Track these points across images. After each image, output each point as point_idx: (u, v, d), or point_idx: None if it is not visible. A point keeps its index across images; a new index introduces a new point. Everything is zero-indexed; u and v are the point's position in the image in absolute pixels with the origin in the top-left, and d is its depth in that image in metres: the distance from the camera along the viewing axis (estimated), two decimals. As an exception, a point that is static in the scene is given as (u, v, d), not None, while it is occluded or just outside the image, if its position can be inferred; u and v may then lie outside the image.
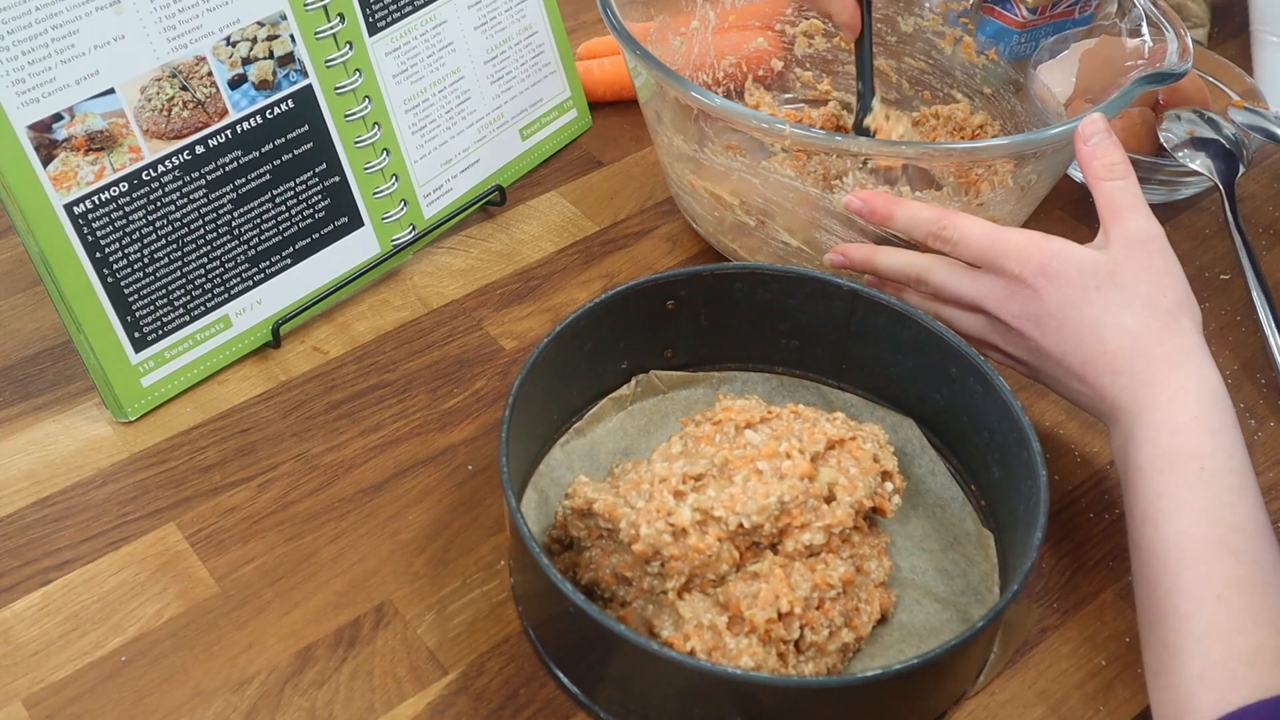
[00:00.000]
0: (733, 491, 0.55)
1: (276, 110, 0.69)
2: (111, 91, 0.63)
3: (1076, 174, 0.87)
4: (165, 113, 0.65)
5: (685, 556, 0.54)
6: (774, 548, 0.56)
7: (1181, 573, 0.53)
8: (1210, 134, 0.82)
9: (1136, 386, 0.58)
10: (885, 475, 0.59)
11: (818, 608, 0.55)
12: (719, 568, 0.55)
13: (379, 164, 0.75)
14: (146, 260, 0.66)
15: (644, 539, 0.53)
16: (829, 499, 0.57)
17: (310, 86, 0.71)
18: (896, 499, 0.60)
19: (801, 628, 0.54)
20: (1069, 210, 0.85)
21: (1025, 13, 0.84)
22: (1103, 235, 0.62)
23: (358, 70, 0.73)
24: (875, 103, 0.80)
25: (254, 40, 0.68)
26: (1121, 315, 0.59)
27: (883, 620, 0.58)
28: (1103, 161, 0.63)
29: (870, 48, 0.80)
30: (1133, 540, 0.57)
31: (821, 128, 0.86)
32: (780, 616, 0.54)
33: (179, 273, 0.68)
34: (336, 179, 0.73)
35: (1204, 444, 0.56)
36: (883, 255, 0.68)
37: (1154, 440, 0.56)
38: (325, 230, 0.74)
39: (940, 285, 0.65)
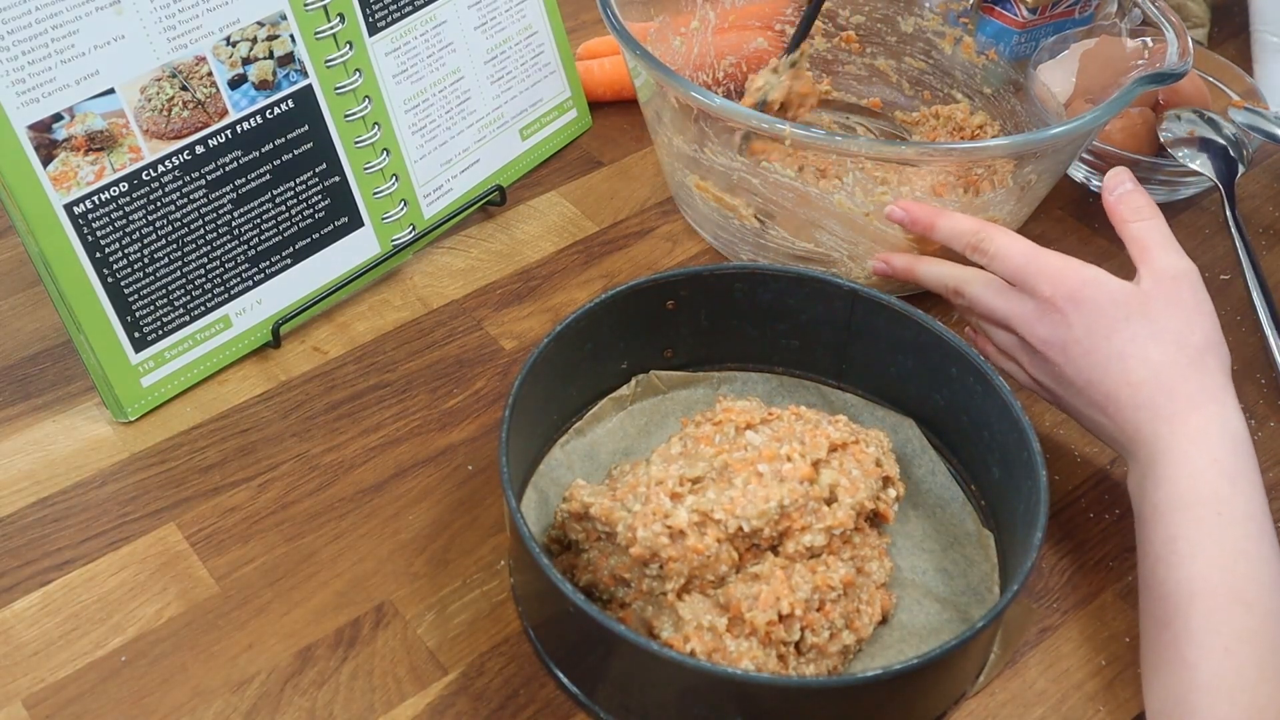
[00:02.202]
0: (732, 495, 0.55)
1: (276, 110, 0.69)
2: (111, 91, 0.63)
3: (1076, 174, 0.87)
4: (165, 113, 0.65)
5: (683, 558, 0.54)
6: (774, 549, 0.56)
7: (1191, 619, 0.52)
8: (1210, 134, 0.82)
9: (1158, 422, 0.57)
10: (886, 480, 0.59)
11: (818, 609, 0.55)
12: (718, 569, 0.55)
13: (379, 164, 0.75)
14: (146, 260, 0.66)
15: (641, 541, 0.53)
16: (830, 500, 0.57)
17: (310, 86, 0.71)
18: (896, 506, 0.60)
19: (802, 629, 0.54)
20: (1069, 210, 0.85)
21: (1025, 13, 0.84)
22: (1137, 276, 0.61)
23: (358, 70, 0.73)
24: (790, 57, 0.80)
25: (254, 40, 0.67)
26: (1148, 348, 0.58)
27: (883, 621, 0.58)
28: (1129, 206, 0.63)
29: (816, 8, 0.80)
30: (1143, 579, 0.56)
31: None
32: (781, 618, 0.54)
33: (179, 273, 0.68)
34: (336, 179, 0.73)
35: (1222, 489, 0.55)
36: (924, 265, 0.68)
37: (1171, 479, 0.56)
38: (325, 230, 0.74)
39: (975, 299, 0.65)
